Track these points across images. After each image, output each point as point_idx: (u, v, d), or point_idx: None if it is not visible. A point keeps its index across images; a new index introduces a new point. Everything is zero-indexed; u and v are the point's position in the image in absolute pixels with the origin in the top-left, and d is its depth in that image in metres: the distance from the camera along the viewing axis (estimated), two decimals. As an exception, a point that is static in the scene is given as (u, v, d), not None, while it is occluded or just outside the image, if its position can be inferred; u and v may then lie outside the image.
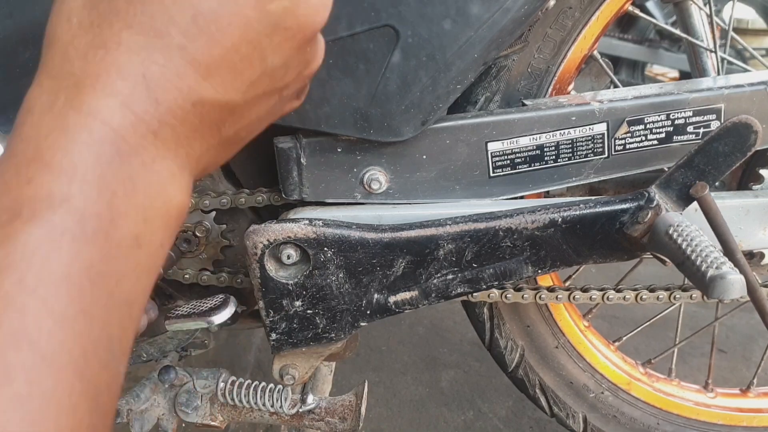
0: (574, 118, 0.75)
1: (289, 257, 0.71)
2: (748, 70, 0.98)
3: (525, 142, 0.75)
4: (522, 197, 0.78)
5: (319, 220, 0.71)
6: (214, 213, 0.83)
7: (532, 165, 0.76)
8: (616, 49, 3.03)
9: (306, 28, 0.43)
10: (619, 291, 0.87)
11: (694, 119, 0.77)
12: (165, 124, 0.38)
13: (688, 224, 0.67)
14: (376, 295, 0.74)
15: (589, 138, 0.76)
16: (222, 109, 0.41)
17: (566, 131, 0.75)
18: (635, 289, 0.87)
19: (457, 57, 0.67)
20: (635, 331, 1.04)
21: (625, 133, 0.76)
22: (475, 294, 0.82)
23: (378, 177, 0.73)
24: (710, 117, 0.77)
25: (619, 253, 0.75)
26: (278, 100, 0.48)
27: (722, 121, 0.77)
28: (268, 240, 0.69)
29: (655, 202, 0.71)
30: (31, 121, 0.37)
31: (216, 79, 0.39)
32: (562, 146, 0.75)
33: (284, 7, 0.40)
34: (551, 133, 0.75)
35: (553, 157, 0.76)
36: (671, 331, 1.10)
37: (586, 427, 0.99)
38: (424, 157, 0.74)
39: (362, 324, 0.75)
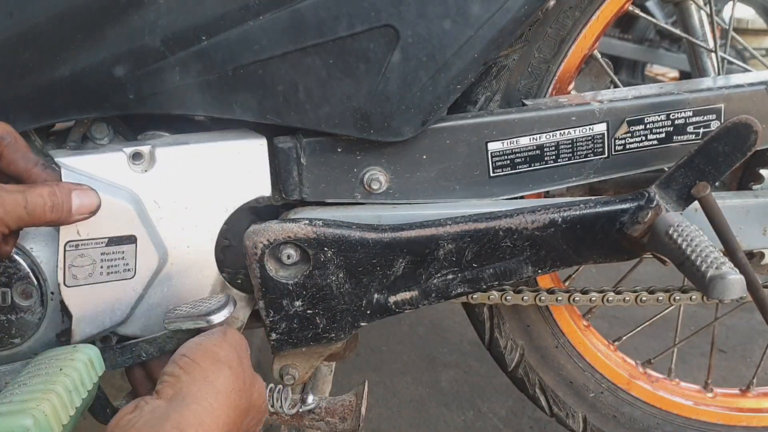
0: (574, 118, 0.75)
1: (289, 257, 0.71)
2: (749, 70, 0.98)
3: (525, 142, 0.75)
4: (522, 197, 0.78)
5: (319, 220, 0.71)
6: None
7: (533, 165, 0.76)
8: (616, 48, 3.03)
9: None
10: (618, 293, 0.87)
11: (694, 119, 0.77)
12: None
13: (688, 224, 0.67)
14: (376, 295, 0.73)
15: (589, 138, 0.76)
16: None
17: (566, 131, 0.75)
18: (635, 291, 0.87)
19: (457, 57, 0.67)
20: (635, 331, 1.04)
21: (625, 133, 0.76)
22: (475, 295, 0.82)
23: (378, 177, 0.73)
24: (710, 117, 0.77)
25: (619, 254, 0.75)
26: None
27: (722, 121, 0.77)
28: (268, 240, 0.69)
29: (655, 202, 0.71)
30: None
31: None
32: (562, 146, 0.75)
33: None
34: (551, 133, 0.75)
35: (554, 157, 0.76)
36: (671, 331, 1.10)
37: (586, 426, 0.99)
38: (425, 157, 0.74)
39: (362, 324, 0.75)
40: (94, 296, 0.67)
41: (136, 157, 0.67)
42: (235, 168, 0.70)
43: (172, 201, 0.69)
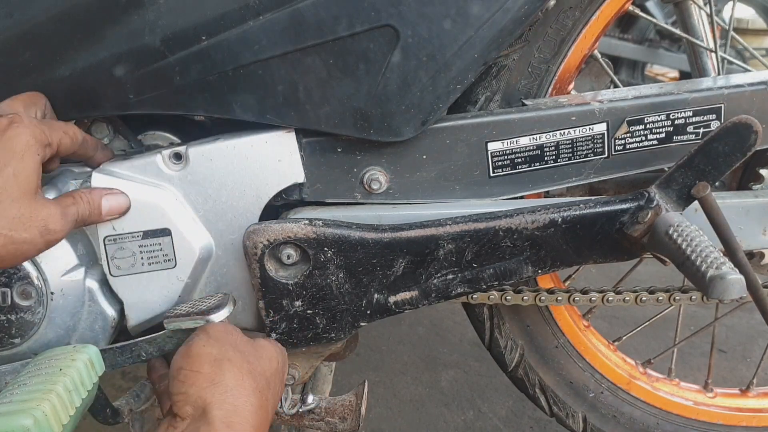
0: (574, 118, 0.75)
1: (289, 257, 0.71)
2: (749, 70, 0.98)
3: (525, 142, 0.75)
4: (522, 197, 0.78)
5: (319, 220, 0.71)
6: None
7: (532, 165, 0.76)
8: (616, 48, 3.03)
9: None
10: (618, 293, 0.87)
11: (694, 119, 0.77)
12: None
13: (688, 224, 0.67)
14: (376, 295, 0.73)
15: (589, 138, 0.76)
16: None
17: (566, 131, 0.75)
18: (635, 291, 0.87)
19: (457, 57, 0.67)
20: (635, 331, 1.04)
21: (625, 133, 0.76)
22: (475, 295, 0.82)
23: (378, 177, 0.73)
24: (710, 117, 0.77)
25: (619, 253, 0.75)
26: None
27: (722, 121, 0.77)
28: (268, 240, 0.69)
29: (655, 202, 0.71)
30: None
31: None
32: (562, 146, 0.75)
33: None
34: (551, 133, 0.75)
35: (553, 157, 0.76)
36: (671, 331, 1.10)
37: (586, 426, 0.99)
38: (424, 157, 0.74)
39: (362, 324, 0.75)
40: (141, 284, 0.73)
41: (176, 157, 0.71)
42: (264, 159, 0.72)
43: (206, 195, 0.72)
